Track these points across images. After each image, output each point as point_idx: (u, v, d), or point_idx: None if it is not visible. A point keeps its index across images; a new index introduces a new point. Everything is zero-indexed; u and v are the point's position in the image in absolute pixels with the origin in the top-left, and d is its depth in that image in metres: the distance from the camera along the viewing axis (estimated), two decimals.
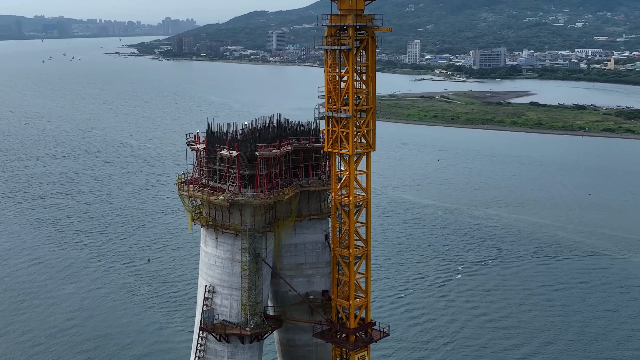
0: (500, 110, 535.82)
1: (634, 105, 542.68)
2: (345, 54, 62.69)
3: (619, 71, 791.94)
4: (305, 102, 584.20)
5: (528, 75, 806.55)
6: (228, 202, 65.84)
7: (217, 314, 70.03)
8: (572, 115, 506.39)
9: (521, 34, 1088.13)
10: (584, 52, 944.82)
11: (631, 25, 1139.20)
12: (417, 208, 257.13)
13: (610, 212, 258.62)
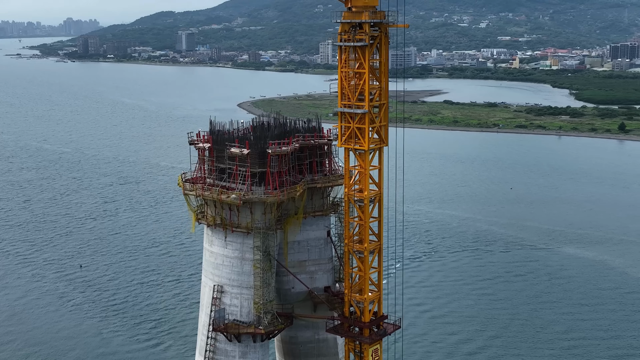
0: (417, 109, 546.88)
1: (542, 102, 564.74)
2: (361, 50, 63.22)
3: (524, 70, 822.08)
4: (222, 103, 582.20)
5: (438, 75, 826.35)
6: (241, 200, 65.29)
7: (227, 314, 69.32)
8: (485, 113, 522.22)
9: (429, 35, 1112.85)
10: (490, 52, 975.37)
11: (532, 25, 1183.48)
12: None
13: (531, 205, 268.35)
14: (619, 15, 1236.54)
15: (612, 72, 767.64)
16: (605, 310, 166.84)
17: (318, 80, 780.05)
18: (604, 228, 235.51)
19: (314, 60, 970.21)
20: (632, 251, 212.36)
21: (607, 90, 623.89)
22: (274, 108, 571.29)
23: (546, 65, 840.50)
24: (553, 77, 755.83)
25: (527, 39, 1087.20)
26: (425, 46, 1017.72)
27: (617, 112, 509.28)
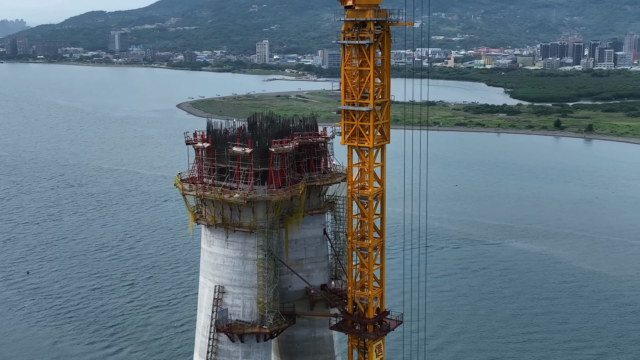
0: None
1: (479, 101, 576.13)
2: (365, 48, 63.61)
3: (459, 69, 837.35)
4: (160, 104, 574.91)
5: None
6: (245, 199, 64.85)
7: (230, 314, 68.78)
8: (423, 111, 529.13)
9: None
10: (424, 51, 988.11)
11: (464, 25, 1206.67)
12: None
13: (476, 201, 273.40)
14: (547, 15, 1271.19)
15: (543, 71, 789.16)
16: (560, 304, 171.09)
17: (256, 80, 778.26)
18: (548, 222, 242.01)
19: (251, 60, 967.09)
20: (576, 244, 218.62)
21: (541, 89, 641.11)
22: (214, 109, 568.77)
23: (480, 64, 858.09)
24: (488, 75, 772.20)
25: (460, 38, 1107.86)
26: None
27: (552, 109, 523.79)
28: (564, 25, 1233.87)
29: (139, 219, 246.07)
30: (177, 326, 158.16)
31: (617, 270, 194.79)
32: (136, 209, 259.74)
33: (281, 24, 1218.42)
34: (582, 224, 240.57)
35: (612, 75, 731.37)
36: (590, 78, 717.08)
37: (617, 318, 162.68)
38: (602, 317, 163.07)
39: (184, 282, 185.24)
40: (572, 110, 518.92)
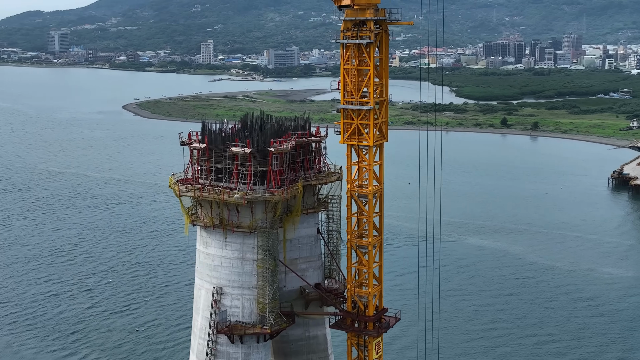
0: (306, 108, 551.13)
1: (425, 100, 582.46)
2: (365, 47, 63.90)
3: (404, 68, 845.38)
4: (105, 105, 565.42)
5: (322, 74, 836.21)
6: (246, 199, 64.44)
7: (229, 315, 68.28)
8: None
9: (308, 34, 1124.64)
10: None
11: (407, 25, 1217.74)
12: None
13: (429, 198, 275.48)
14: (488, 15, 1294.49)
15: (486, 70, 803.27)
16: (521, 299, 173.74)
17: (202, 81, 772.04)
18: (502, 219, 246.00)
19: (195, 60, 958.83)
20: (532, 240, 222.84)
21: (485, 87, 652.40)
22: (162, 110, 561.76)
23: (425, 63, 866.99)
24: (433, 75, 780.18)
25: (404, 38, 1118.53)
26: (305, 45, 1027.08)
27: (497, 107, 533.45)
28: (504, 25, 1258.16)
29: (92, 223, 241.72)
30: (140, 331, 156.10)
31: (572, 264, 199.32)
32: (88, 213, 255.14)
33: (225, 24, 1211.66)
34: (536, 220, 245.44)
35: (553, 74, 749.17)
36: (532, 77, 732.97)
37: (577, 311, 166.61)
38: (563, 310, 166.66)
39: (143, 286, 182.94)
40: (516, 108, 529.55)
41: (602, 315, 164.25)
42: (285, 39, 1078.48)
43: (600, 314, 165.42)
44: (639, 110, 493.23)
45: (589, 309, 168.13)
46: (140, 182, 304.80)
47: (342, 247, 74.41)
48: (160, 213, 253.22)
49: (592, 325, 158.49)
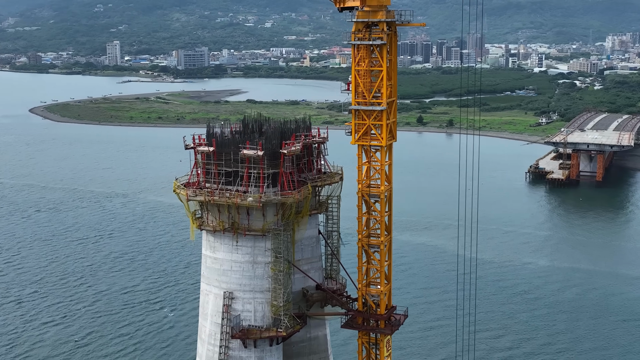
0: (222, 109, 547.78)
1: (340, 99, 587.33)
2: (378, 49, 64.53)
3: (316, 68, 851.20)
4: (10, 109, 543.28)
5: (233, 74, 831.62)
6: (261, 202, 63.89)
7: (241, 320, 67.55)
8: (289, 110, 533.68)
9: (216, 34, 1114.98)
10: (279, 51, 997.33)
11: (314, 25, 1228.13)
12: (177, 209, 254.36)
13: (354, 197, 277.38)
14: None
15: None
16: (450, 290, 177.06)
17: (110, 82, 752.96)
18: (427, 214, 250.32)
19: (101, 61, 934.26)
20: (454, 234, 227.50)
21: (397, 86, 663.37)
22: (72, 113, 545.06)
23: (336, 63, 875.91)
24: (344, 74, 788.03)
25: (312, 38, 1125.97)
26: (214, 46, 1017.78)
27: (411, 106, 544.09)
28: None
29: (12, 231, 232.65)
30: (78, 340, 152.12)
31: (498, 256, 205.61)
32: (5, 221, 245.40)
33: (129, 24, 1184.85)
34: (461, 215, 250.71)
35: (461, 72, 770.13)
36: (441, 75, 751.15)
37: (504, 300, 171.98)
38: (491, 301, 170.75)
39: (74, 294, 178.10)
40: (430, 106, 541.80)
41: (527, 303, 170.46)
42: (192, 40, 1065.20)
43: (526, 301, 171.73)
44: (546, 107, 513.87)
45: (514, 297, 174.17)
46: (59, 187, 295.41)
47: (342, 248, 75.00)
48: (84, 219, 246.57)
49: (519, 314, 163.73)
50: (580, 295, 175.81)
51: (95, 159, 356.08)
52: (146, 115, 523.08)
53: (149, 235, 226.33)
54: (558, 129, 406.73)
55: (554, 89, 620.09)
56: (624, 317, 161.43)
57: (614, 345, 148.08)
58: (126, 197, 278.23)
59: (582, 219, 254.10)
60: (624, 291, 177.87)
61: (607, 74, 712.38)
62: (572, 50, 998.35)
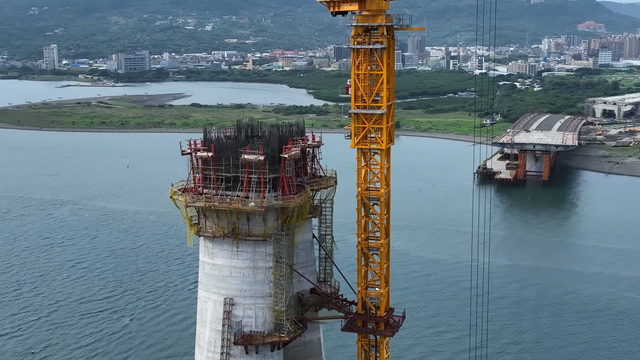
0: (166, 113, 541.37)
1: (286, 102, 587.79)
2: (378, 53, 64.89)
3: (259, 71, 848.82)
4: None
5: (176, 78, 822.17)
6: (263, 207, 63.44)
7: (243, 326, 66.97)
8: (235, 114, 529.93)
9: (156, 37, 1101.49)
10: (221, 54, 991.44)
11: (256, 28, 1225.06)
12: (131, 216, 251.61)
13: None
14: (333, 19, 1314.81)
15: (339, 72, 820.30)
16: (413, 293, 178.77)
17: (48, 87, 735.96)
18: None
19: (38, 65, 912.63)
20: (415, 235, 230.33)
21: (342, 89, 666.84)
22: (11, 118, 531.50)
23: (279, 66, 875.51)
24: (288, 77, 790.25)
25: (254, 41, 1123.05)
26: (154, 49, 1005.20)
27: None
28: (350, 28, 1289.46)
29: None
30: (35, 352, 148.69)
31: (454, 256, 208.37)
32: None
33: (66, 27, 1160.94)
34: (415, 216, 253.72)
35: (403, 75, 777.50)
36: None
37: (467, 300, 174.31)
38: (454, 301, 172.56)
39: (29, 305, 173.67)
40: None
41: (490, 302, 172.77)
42: (132, 43, 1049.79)
43: (489, 300, 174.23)
44: (488, 108, 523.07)
45: (480, 296, 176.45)
46: (3, 195, 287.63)
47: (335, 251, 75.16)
48: (33, 227, 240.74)
49: (482, 312, 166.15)
50: (540, 293, 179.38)
51: (40, 166, 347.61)
52: (89, 120, 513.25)
53: (102, 243, 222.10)
54: (502, 130, 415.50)
55: (495, 90, 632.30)
56: (584, 314, 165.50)
57: (578, 341, 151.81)
58: (76, 204, 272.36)
59: (532, 218, 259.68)
60: (580, 288, 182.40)
61: (545, 75, 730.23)
62: (510, 52, 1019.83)
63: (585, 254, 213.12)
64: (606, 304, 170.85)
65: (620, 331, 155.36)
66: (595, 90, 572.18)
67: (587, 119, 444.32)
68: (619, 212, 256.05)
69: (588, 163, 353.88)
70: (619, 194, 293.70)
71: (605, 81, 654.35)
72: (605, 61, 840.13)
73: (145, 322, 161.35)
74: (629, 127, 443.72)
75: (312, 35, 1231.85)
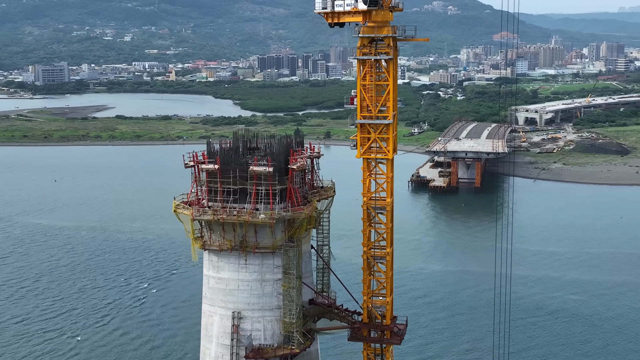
0: (91, 125, 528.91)
1: (213, 113, 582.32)
2: (384, 64, 65.40)
3: (183, 82, 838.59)
4: None
5: (97, 90, 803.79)
6: (274, 219, 62.79)
7: (252, 339, 66.07)
8: (162, 126, 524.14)
9: (74, 48, 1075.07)
10: (142, 65, 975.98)
11: (176, 39, 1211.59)
12: (63, 232, 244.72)
13: None
14: (255, 29, 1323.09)
15: (264, 82, 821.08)
16: None
17: None
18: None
19: None
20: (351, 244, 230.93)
21: (268, 99, 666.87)
22: None
23: (202, 77, 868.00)
24: (213, 88, 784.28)
25: (175, 52, 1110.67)
26: (72, 60, 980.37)
27: (285, 119, 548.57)
28: (271, 38, 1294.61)
29: None
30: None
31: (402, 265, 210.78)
32: None
33: None
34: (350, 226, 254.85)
35: (328, 85, 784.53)
36: (309, 88, 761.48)
37: (406, 305, 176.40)
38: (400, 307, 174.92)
39: None
40: (304, 119, 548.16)
41: (427, 306, 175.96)
42: (48, 54, 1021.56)
43: (426, 305, 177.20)
44: (415, 117, 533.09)
45: (418, 300, 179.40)
46: None
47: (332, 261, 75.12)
48: None
49: (421, 317, 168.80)
50: (474, 297, 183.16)
51: None
52: (9, 133, 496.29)
53: (34, 260, 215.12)
54: (431, 139, 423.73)
55: (420, 99, 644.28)
56: (520, 315, 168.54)
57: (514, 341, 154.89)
58: (7, 222, 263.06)
59: (467, 224, 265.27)
60: (514, 290, 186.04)
61: (466, 84, 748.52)
62: (430, 62, 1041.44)
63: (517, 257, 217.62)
64: (537, 305, 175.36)
65: (574, 334, 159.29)
66: (515, 98, 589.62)
67: (512, 127, 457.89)
68: (555, 216, 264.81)
69: (516, 169, 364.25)
70: (550, 198, 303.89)
71: (524, 90, 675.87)
72: (522, 70, 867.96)
73: (88, 339, 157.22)
74: (550, 134, 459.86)
75: (234, 46, 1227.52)
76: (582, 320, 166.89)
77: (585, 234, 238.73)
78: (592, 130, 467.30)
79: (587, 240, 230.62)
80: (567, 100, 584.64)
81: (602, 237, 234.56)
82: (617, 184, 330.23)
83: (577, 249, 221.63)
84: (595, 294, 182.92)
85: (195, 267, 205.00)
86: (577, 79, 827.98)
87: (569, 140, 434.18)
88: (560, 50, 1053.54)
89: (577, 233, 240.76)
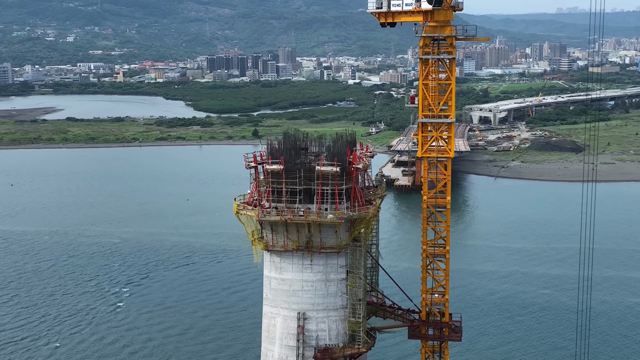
0: (41, 128, 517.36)
1: (166, 114, 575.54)
2: (448, 62, 65.93)
3: (131, 83, 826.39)
4: None
5: (42, 91, 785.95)
6: (343, 219, 62.62)
7: (318, 340, 65.79)
8: (116, 128, 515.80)
9: (15, 49, 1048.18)
10: (87, 66, 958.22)
11: (120, 39, 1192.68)
12: (25, 236, 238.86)
13: (206, 214, 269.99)
14: (201, 29, 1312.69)
15: (215, 83, 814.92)
16: None
17: None
18: None
19: None
20: None
21: (221, 100, 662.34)
22: None
23: (151, 78, 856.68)
24: (163, 89, 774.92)
25: (120, 52, 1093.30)
26: (14, 62, 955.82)
27: (240, 119, 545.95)
28: (218, 38, 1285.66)
29: None
30: None
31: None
32: None
33: None
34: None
35: (279, 85, 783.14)
36: (260, 88, 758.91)
37: None
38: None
39: None
40: (259, 119, 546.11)
41: None
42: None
43: None
44: (370, 117, 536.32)
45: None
46: None
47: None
48: None
49: None
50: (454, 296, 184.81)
51: None
52: None
53: (3, 267, 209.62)
54: (389, 138, 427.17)
55: (372, 99, 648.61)
56: (494, 312, 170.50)
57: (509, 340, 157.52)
58: None
59: None
60: (485, 286, 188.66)
61: (416, 84, 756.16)
62: (378, 62, 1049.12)
63: (485, 253, 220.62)
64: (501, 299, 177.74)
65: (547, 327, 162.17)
66: (467, 98, 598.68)
67: (469, 126, 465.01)
68: (517, 213, 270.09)
69: (476, 167, 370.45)
70: (510, 196, 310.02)
71: (473, 89, 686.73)
72: (469, 70, 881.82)
73: (72, 348, 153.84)
74: (505, 132, 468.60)
75: (180, 47, 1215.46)
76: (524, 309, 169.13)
77: (549, 230, 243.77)
78: (544, 128, 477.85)
79: (552, 235, 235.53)
80: (518, 99, 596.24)
81: (565, 233, 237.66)
82: (575, 180, 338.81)
83: (543, 245, 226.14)
84: (565, 288, 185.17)
85: (166, 269, 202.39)
86: (524, 78, 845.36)
87: (524, 138, 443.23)
88: (505, 50, 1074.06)
89: (541, 229, 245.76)
